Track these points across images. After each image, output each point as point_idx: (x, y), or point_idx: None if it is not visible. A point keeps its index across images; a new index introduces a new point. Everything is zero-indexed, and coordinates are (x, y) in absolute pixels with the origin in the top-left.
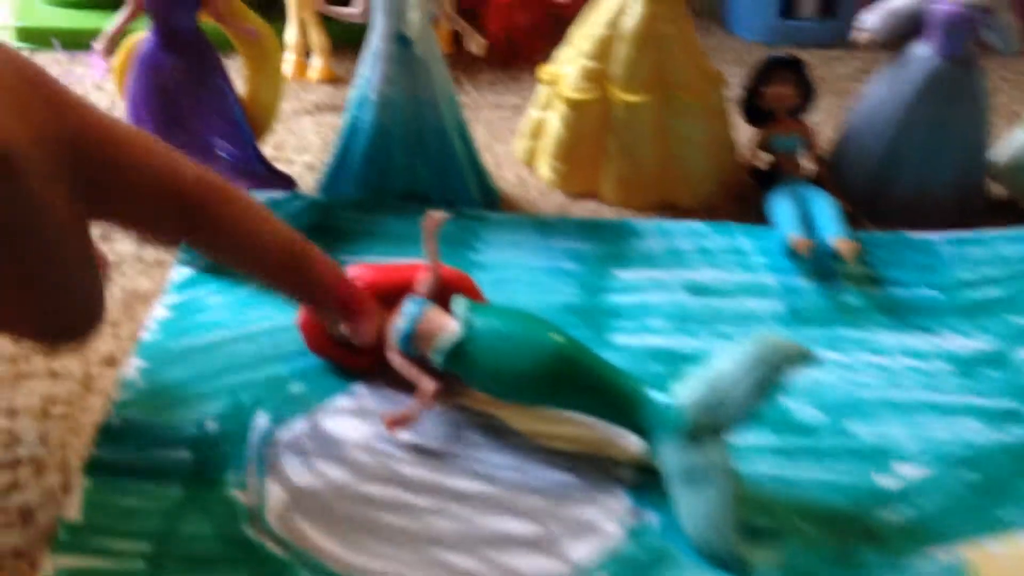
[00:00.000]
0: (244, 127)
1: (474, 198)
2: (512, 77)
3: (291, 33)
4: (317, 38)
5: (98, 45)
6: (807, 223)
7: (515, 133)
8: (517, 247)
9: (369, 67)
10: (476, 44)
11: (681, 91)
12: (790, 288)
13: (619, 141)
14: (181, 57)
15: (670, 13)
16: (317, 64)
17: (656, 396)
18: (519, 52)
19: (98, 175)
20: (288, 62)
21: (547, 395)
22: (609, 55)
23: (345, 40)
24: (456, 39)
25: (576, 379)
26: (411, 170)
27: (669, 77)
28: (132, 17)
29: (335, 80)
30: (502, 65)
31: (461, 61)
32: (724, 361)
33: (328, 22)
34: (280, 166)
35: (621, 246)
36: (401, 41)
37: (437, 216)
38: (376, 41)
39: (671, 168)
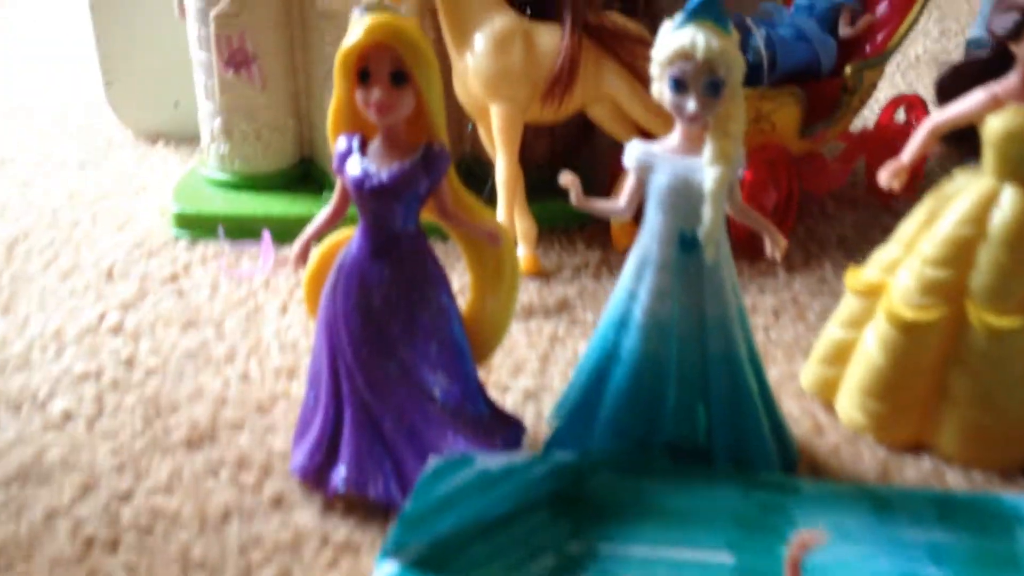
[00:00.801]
0: (467, 357)
1: (771, 456)
2: (760, 272)
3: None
4: (522, 223)
5: (292, 249)
6: None
7: (779, 348)
8: (851, 538)
9: (633, 277)
10: (778, 246)
11: None
12: None
13: (973, 377)
14: (396, 268)
15: None
16: (522, 254)
17: None
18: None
19: None
20: None
21: None
22: (970, 262)
23: (548, 224)
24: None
25: None
26: (689, 416)
27: None
28: (336, 218)
29: (542, 274)
30: (747, 259)
31: None
32: None
33: (535, 205)
34: (493, 394)
35: (1005, 539)
36: (686, 244)
37: None
38: (647, 242)
39: None
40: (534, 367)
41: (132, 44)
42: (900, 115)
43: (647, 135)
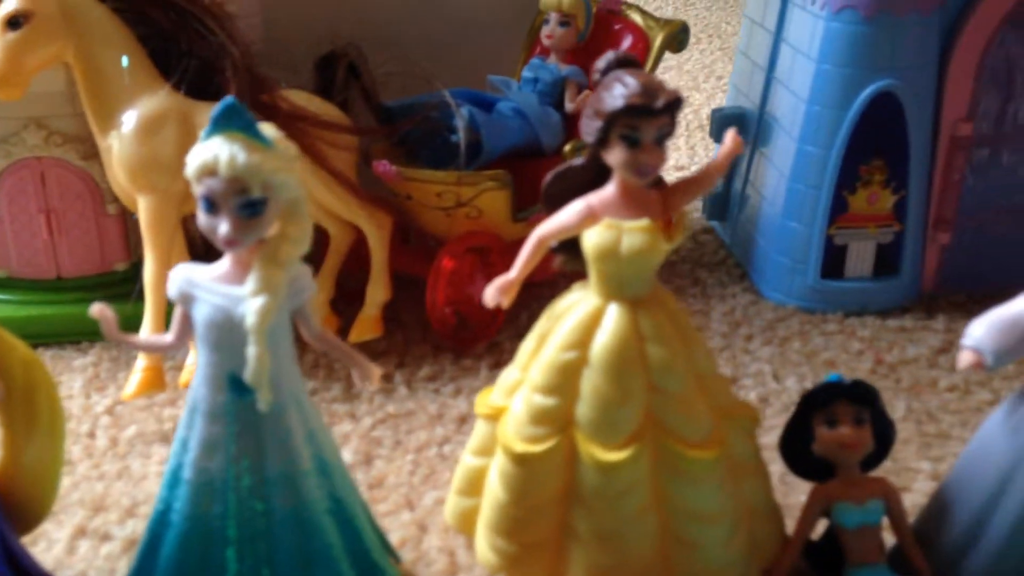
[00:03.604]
0: None
1: None
2: (463, 370)
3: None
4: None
5: None
6: None
7: (451, 468)
8: None
9: (185, 425)
10: (368, 375)
11: (682, 443)
12: None
13: (591, 514)
14: None
15: (664, 325)
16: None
17: None
18: (474, 336)
19: None
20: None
21: None
22: (575, 389)
23: None
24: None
25: None
26: None
27: (665, 422)
28: None
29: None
30: (453, 352)
31: (394, 348)
32: None
33: None
34: (87, 544)
35: None
36: (238, 388)
37: None
38: (197, 385)
39: (675, 557)
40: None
41: None
42: None
43: None
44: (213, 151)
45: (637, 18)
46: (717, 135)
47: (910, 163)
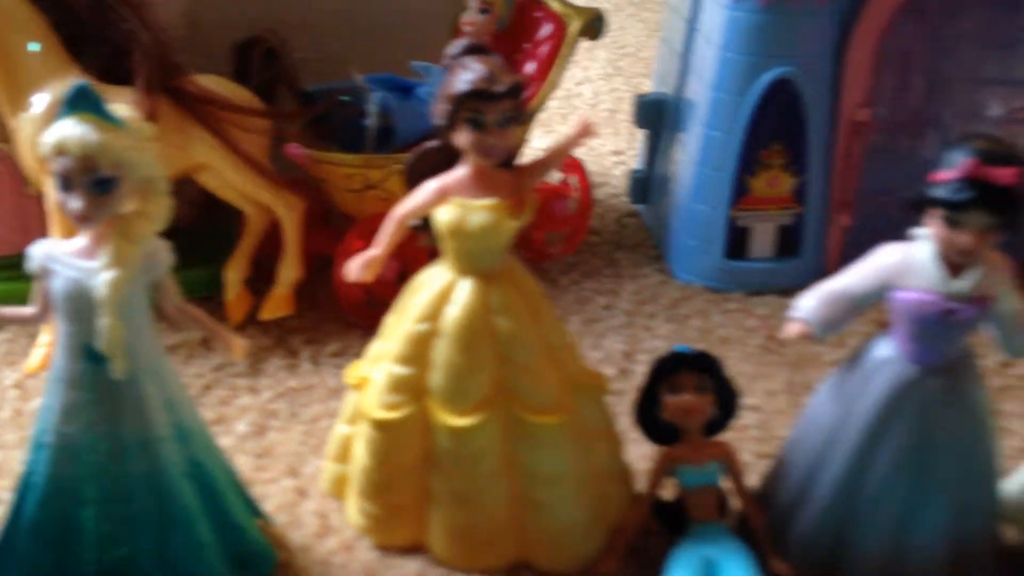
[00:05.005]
0: None
1: (218, 573)
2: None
3: None
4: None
5: None
6: None
7: None
8: None
9: (49, 392)
10: (230, 347)
11: (529, 410)
12: None
13: (447, 478)
14: None
15: (513, 299)
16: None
17: None
18: (383, 313)
19: None
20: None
21: None
22: (428, 359)
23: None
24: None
25: None
26: (115, 544)
27: (513, 389)
28: None
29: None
30: (362, 330)
31: (305, 325)
32: None
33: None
34: None
35: None
36: (94, 357)
37: None
38: (57, 355)
39: (526, 516)
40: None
41: None
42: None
43: None
44: (65, 131)
45: (556, 5)
46: (639, 121)
47: (808, 148)
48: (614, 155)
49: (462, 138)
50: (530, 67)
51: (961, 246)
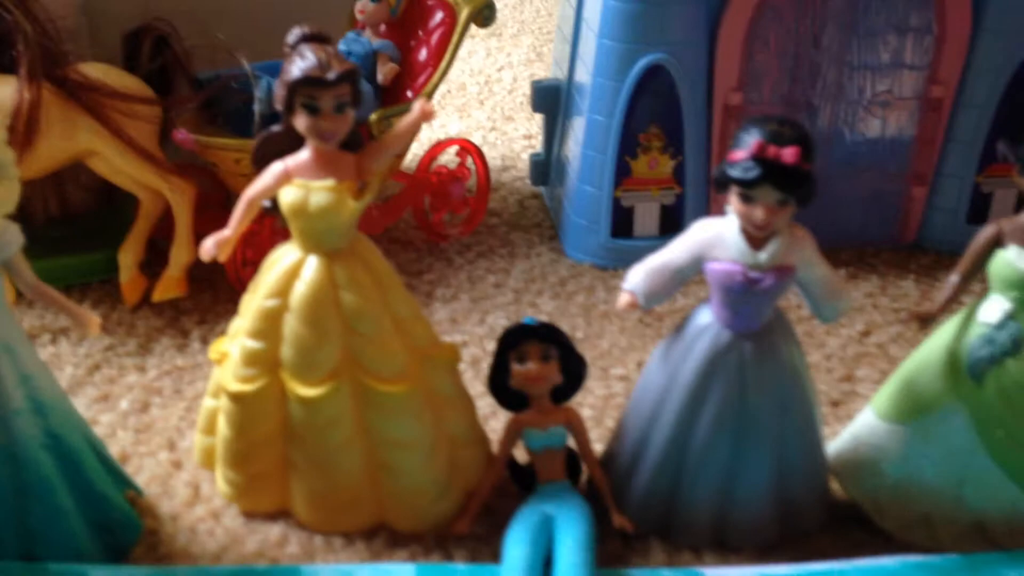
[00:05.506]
0: None
1: (81, 545)
2: None
3: None
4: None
5: None
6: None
7: None
8: None
9: None
10: (84, 323)
11: (377, 379)
12: None
13: (303, 447)
14: None
15: (359, 275)
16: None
17: None
18: None
19: None
20: None
21: None
22: (279, 333)
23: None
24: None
25: None
26: None
27: (360, 360)
28: None
29: None
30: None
31: (199, 306)
32: None
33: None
34: None
35: None
36: None
37: None
38: None
39: (380, 480)
40: None
41: None
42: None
43: None
44: None
45: None
46: (536, 106)
47: (684, 131)
48: (524, 139)
49: (300, 122)
50: (423, 54)
51: (755, 220)
